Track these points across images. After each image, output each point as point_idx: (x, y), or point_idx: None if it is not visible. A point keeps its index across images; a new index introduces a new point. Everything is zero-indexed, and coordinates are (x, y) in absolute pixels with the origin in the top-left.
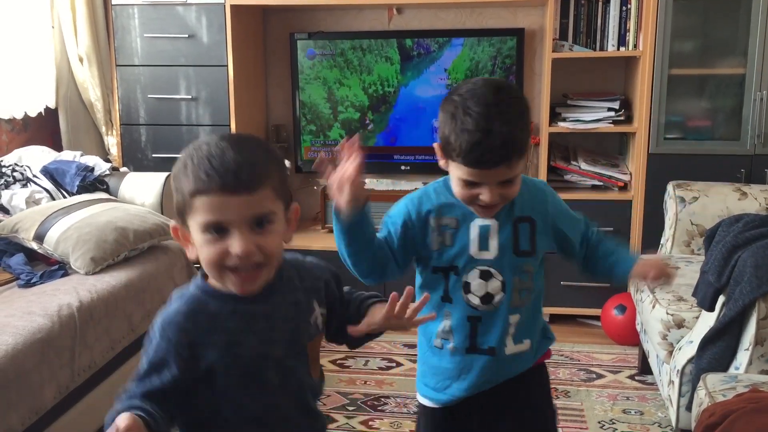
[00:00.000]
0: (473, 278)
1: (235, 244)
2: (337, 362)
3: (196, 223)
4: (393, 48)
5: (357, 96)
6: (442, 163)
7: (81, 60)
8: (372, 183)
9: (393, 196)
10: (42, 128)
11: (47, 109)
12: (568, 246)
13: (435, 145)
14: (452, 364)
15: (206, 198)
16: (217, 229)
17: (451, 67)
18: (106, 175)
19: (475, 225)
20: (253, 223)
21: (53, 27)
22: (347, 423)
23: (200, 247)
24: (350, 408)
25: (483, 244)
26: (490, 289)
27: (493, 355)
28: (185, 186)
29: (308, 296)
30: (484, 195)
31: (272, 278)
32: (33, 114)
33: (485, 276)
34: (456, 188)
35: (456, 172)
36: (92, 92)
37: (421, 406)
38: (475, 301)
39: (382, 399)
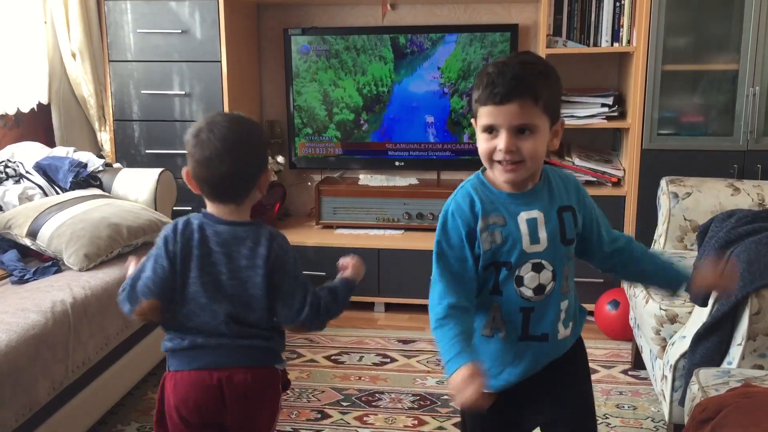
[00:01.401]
0: (525, 271)
1: None
2: (332, 358)
3: None
4: (387, 47)
5: (352, 97)
6: (477, 135)
7: (74, 55)
8: (366, 179)
9: (387, 192)
10: (35, 124)
11: (40, 104)
12: (593, 241)
13: (472, 119)
14: (504, 351)
15: None
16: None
17: (444, 65)
18: (100, 171)
19: (523, 219)
20: None
21: (46, 22)
22: (342, 419)
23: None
24: (344, 404)
25: (534, 238)
26: (542, 280)
27: (546, 341)
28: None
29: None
30: (501, 142)
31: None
32: (25, 110)
33: (537, 268)
34: (480, 146)
35: (479, 122)
36: (85, 88)
37: None
38: (528, 293)
39: (377, 394)
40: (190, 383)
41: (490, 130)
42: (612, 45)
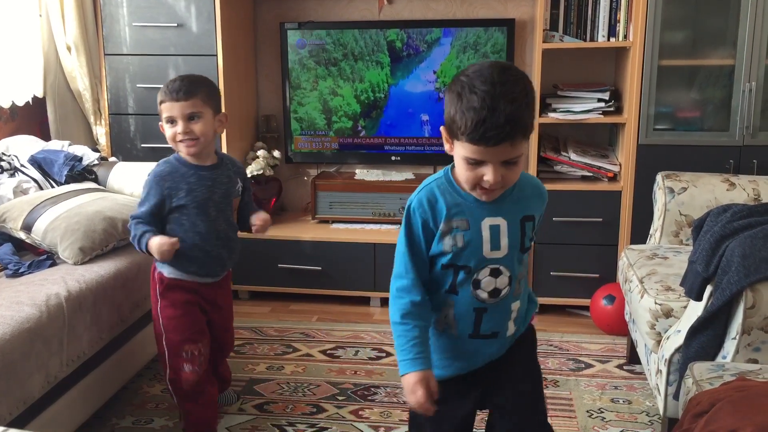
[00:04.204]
0: (483, 275)
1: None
2: (327, 352)
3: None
4: (383, 52)
5: (350, 105)
6: (447, 147)
7: (69, 49)
8: (362, 173)
9: (384, 187)
10: (30, 117)
11: (35, 98)
12: None
13: (441, 128)
14: (455, 345)
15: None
16: (170, 121)
17: (440, 69)
18: (95, 165)
19: (486, 225)
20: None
21: (41, 16)
22: (337, 413)
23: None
24: (340, 398)
25: (495, 244)
26: (498, 284)
27: (496, 338)
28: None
29: (235, 175)
30: (488, 175)
31: (217, 160)
32: (20, 103)
33: (495, 273)
34: (460, 170)
35: (461, 152)
36: (80, 81)
37: None
38: (484, 296)
39: (372, 389)
40: None
41: (475, 161)
42: (608, 40)
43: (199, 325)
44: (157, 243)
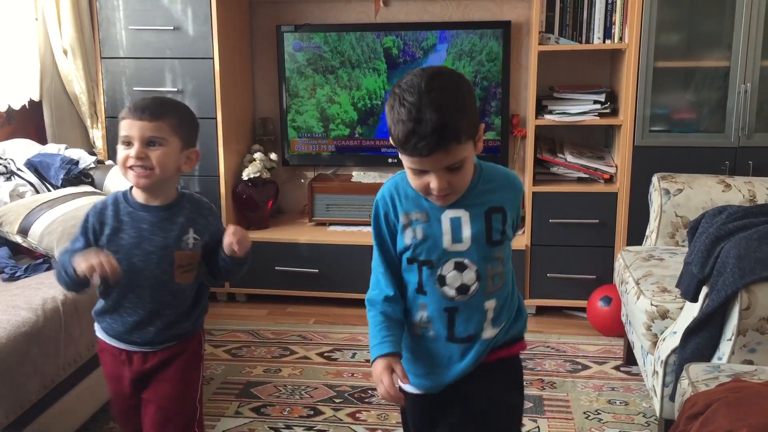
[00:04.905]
0: (448, 270)
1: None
2: (324, 355)
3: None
4: (380, 59)
5: (347, 113)
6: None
7: (65, 52)
8: (359, 176)
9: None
10: (26, 121)
11: (31, 101)
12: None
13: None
14: (434, 351)
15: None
16: (126, 143)
17: None
18: (91, 169)
19: (446, 217)
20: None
21: (37, 19)
22: (334, 415)
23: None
24: (337, 400)
25: (456, 236)
26: (465, 280)
27: (473, 341)
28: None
29: (189, 223)
30: (433, 182)
31: (170, 201)
32: (17, 106)
33: (460, 267)
34: (409, 179)
35: (404, 162)
36: (77, 85)
37: (403, 392)
38: (451, 293)
39: (369, 391)
40: None
41: (419, 171)
42: (604, 42)
43: (125, 416)
44: (83, 252)
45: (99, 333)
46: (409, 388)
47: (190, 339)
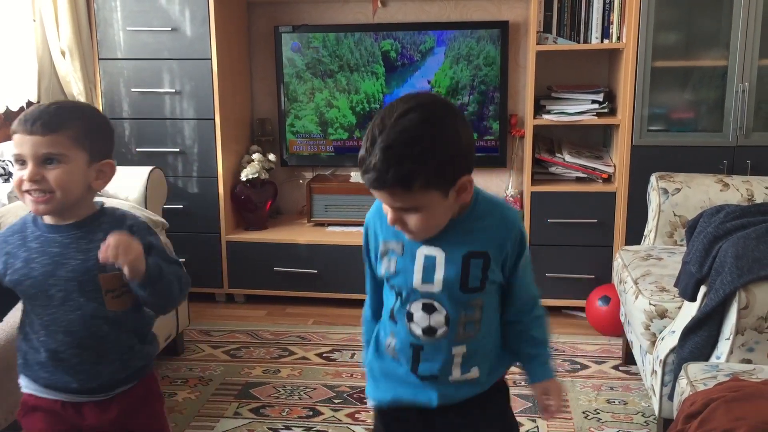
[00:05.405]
0: (416, 309)
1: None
2: (323, 355)
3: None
4: (378, 62)
5: (346, 117)
6: None
7: (63, 53)
8: (358, 176)
9: None
10: None
11: (29, 103)
12: (507, 295)
13: None
14: (400, 375)
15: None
16: (19, 161)
17: (434, 80)
18: None
19: (421, 254)
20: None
21: (34, 20)
22: (333, 416)
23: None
24: (336, 401)
25: (427, 276)
26: (432, 322)
27: (436, 381)
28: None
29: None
30: (388, 214)
31: (85, 217)
32: (15, 108)
33: (428, 309)
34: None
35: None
36: (75, 86)
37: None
38: (418, 331)
39: None
40: None
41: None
42: (602, 42)
43: None
44: None
45: (27, 387)
46: (376, 403)
47: (148, 376)
